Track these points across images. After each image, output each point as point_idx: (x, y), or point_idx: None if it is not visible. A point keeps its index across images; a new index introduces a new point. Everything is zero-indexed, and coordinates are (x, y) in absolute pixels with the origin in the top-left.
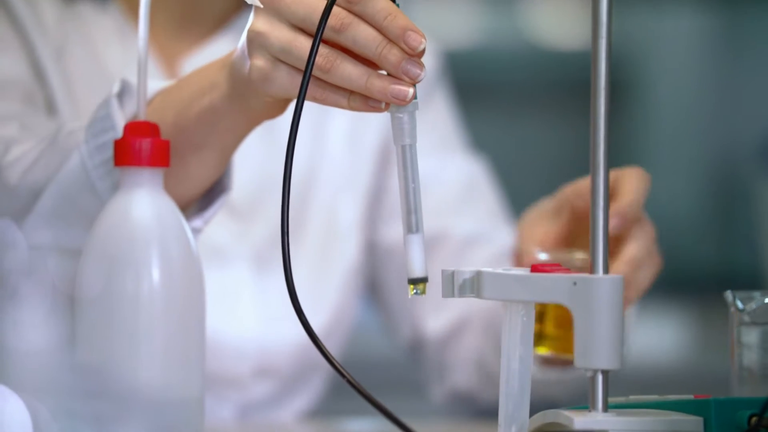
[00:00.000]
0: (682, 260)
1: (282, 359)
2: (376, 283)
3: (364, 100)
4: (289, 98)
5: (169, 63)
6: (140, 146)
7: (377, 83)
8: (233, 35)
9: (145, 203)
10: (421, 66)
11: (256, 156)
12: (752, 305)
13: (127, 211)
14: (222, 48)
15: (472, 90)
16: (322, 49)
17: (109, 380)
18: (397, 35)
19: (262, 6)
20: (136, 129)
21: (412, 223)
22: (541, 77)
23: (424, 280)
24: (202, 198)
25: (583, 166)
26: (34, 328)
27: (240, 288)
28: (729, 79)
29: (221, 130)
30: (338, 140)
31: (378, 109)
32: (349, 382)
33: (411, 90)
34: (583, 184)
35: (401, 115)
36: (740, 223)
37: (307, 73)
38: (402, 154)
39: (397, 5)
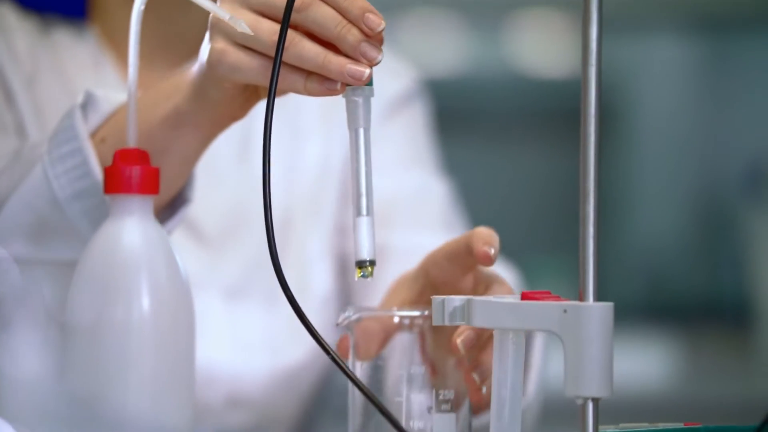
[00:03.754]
0: (670, 288)
1: (254, 389)
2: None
3: (320, 81)
4: (250, 92)
5: (143, 90)
6: (130, 174)
7: (334, 61)
8: None
9: (135, 231)
10: (379, 49)
11: (227, 186)
12: None
13: (118, 238)
14: None
15: (459, 118)
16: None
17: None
18: (356, 16)
19: (251, 33)
20: (125, 156)
21: (362, 206)
22: (526, 105)
23: (372, 263)
24: (162, 210)
25: (570, 195)
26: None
27: (211, 317)
28: (716, 108)
29: (185, 133)
30: (310, 171)
31: (334, 92)
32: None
33: (368, 70)
34: (438, 251)
35: (357, 99)
36: (727, 250)
37: (278, 59)
38: (355, 138)
39: None
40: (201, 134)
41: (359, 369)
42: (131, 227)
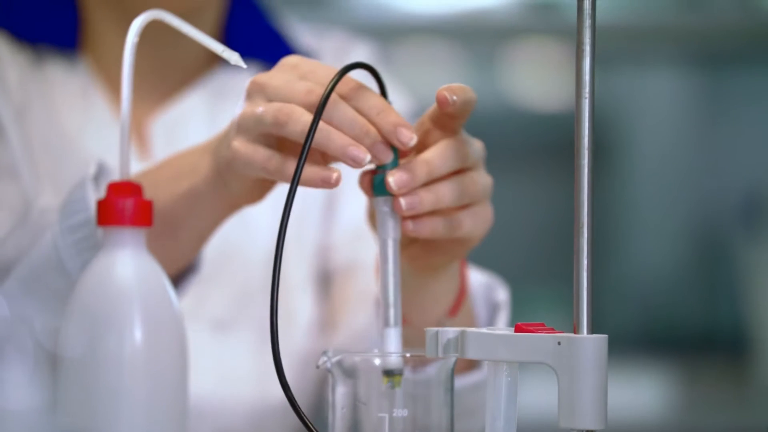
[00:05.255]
0: (666, 319)
1: (241, 423)
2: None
3: (318, 169)
4: (267, 182)
5: (136, 120)
6: (123, 206)
7: (337, 139)
8: (201, 93)
9: (127, 263)
10: (391, 154)
11: None
12: None
13: (110, 270)
14: (189, 106)
15: None
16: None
17: None
18: (388, 131)
19: (244, 66)
20: (118, 189)
21: (390, 317)
22: (522, 137)
23: (399, 373)
24: (173, 279)
25: (565, 226)
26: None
27: (198, 350)
28: (711, 140)
29: (200, 214)
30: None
31: (328, 183)
32: None
33: (368, 156)
34: (425, 114)
35: (386, 209)
36: (723, 282)
37: (305, 150)
38: (384, 248)
39: (389, 102)
40: (217, 214)
41: (339, 411)
42: (124, 259)
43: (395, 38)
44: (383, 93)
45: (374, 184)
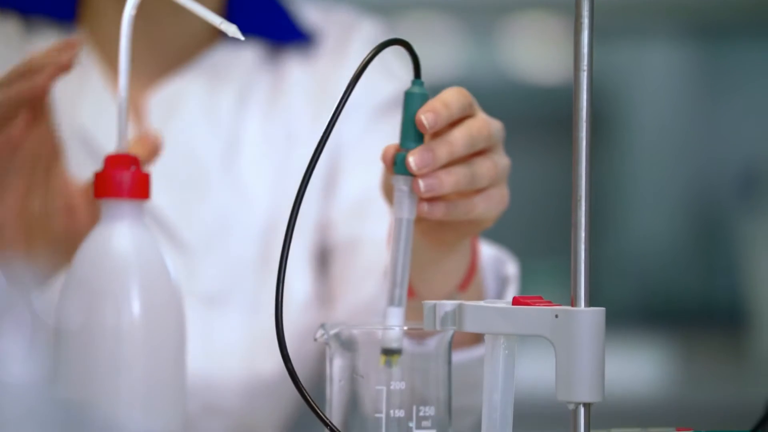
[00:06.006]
0: (664, 292)
1: (231, 397)
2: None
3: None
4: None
5: (133, 96)
6: (120, 178)
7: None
8: (198, 71)
9: (125, 235)
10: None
11: (211, 195)
12: None
13: (108, 243)
14: (187, 83)
15: None
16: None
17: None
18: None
19: (242, 38)
20: (116, 161)
21: (395, 297)
22: (520, 111)
23: (398, 352)
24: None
25: (563, 200)
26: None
27: (188, 324)
28: (709, 112)
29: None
30: (298, 174)
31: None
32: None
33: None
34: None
35: (405, 189)
36: (720, 255)
37: (319, 151)
38: (398, 226)
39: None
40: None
41: (337, 384)
42: (121, 232)
43: (395, 12)
44: (417, 68)
45: (396, 162)
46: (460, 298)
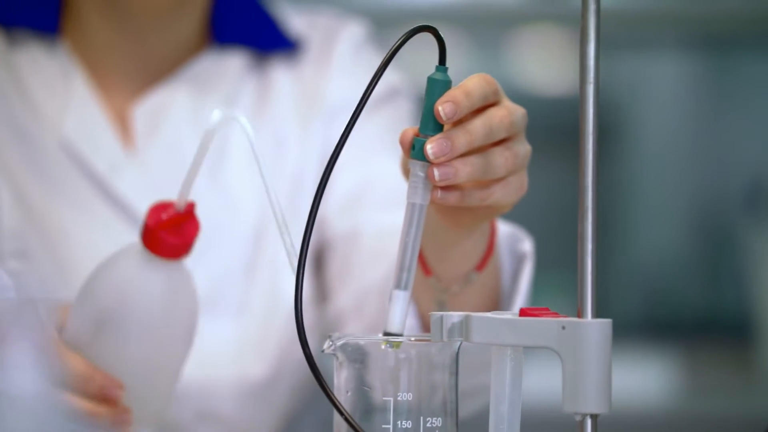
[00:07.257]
0: (670, 304)
1: (223, 402)
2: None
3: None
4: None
5: (119, 107)
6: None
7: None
8: (184, 81)
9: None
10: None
11: (202, 200)
12: None
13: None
14: (173, 94)
15: None
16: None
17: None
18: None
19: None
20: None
21: (401, 280)
22: (527, 123)
23: (399, 336)
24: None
25: (570, 211)
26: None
27: None
28: (715, 124)
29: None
30: (287, 178)
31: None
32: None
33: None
34: None
35: (421, 175)
36: (727, 266)
37: (340, 147)
38: (410, 210)
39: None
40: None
41: (344, 395)
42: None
43: (400, 24)
44: (443, 55)
45: (414, 147)
46: (477, 278)
